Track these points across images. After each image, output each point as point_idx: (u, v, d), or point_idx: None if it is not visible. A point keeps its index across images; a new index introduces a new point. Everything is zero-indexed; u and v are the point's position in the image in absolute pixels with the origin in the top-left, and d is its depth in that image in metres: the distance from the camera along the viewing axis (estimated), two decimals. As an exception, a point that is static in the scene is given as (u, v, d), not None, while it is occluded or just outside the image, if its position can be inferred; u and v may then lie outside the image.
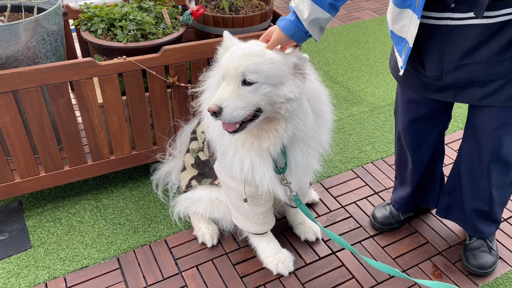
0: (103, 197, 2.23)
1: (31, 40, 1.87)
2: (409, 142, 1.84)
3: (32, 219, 2.11)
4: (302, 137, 1.51)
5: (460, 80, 1.51)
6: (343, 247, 1.65)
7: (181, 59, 2.00)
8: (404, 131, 1.83)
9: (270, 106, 1.41)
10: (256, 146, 1.51)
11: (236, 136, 1.53)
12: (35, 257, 1.93)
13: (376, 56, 3.54)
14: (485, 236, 1.88)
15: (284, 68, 1.39)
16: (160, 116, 2.14)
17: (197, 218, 2.03)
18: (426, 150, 1.85)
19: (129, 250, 1.97)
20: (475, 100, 1.54)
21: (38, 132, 1.92)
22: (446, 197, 1.92)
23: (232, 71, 1.36)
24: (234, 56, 1.38)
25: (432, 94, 1.62)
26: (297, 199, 1.65)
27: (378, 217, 2.07)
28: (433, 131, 1.80)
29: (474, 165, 1.73)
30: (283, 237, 2.04)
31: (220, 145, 1.61)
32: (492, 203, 1.78)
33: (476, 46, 1.42)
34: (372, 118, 2.83)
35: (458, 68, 1.48)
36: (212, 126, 1.61)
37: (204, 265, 1.91)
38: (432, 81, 1.57)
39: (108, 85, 1.93)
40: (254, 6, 2.32)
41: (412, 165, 1.91)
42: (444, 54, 1.48)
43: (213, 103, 1.36)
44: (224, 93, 1.37)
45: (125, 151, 2.15)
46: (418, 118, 1.75)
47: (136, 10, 2.13)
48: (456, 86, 1.54)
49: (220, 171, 1.77)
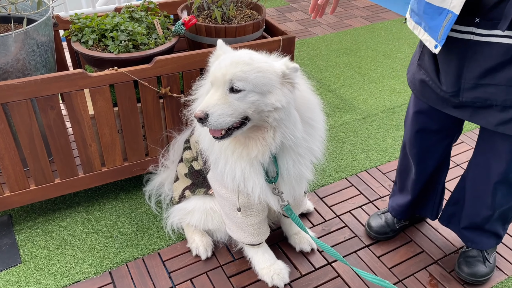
0: (95, 210, 2.20)
1: (21, 52, 1.85)
2: (414, 152, 1.82)
3: (22, 233, 2.07)
4: (291, 146, 1.50)
5: (477, 100, 1.46)
6: (335, 258, 1.64)
7: (173, 69, 1.99)
8: (410, 141, 1.81)
9: (258, 114, 1.41)
10: (245, 155, 1.50)
11: (226, 144, 1.52)
12: (25, 272, 1.89)
13: (368, 64, 3.55)
14: (482, 247, 1.88)
15: (272, 77, 1.39)
16: (153, 126, 2.11)
17: (191, 229, 2.00)
18: (432, 161, 1.82)
19: (121, 263, 1.94)
20: (491, 124, 1.49)
21: (28, 145, 1.89)
22: (450, 206, 1.92)
23: (220, 78, 1.37)
24: (223, 63, 1.39)
25: (449, 110, 1.57)
26: (288, 208, 1.64)
27: (373, 226, 2.06)
28: (441, 144, 1.77)
29: (480, 182, 1.71)
30: (278, 248, 2.02)
31: (211, 154, 1.60)
32: (493, 219, 1.77)
33: (497, 66, 1.37)
34: (365, 126, 2.83)
35: (477, 87, 1.44)
36: (203, 135, 1.60)
37: (198, 278, 1.88)
38: (448, 97, 1.53)
39: (100, 97, 1.91)
40: (246, 15, 2.32)
41: (416, 175, 1.88)
42: (463, 70, 1.43)
43: (200, 109, 1.36)
44: (211, 99, 1.37)
45: (117, 163, 2.12)
46: (427, 130, 1.73)
47: (127, 20, 2.11)
48: (474, 106, 1.49)
49: (214, 181, 1.76)
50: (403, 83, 3.30)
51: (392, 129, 2.80)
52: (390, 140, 2.71)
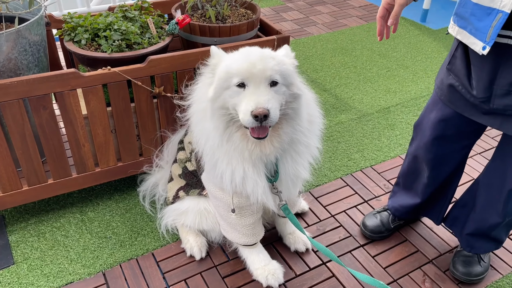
0: (88, 210, 2.18)
1: (13, 52, 1.83)
2: (430, 158, 1.78)
3: (15, 234, 2.05)
4: (294, 140, 1.52)
5: (509, 108, 1.43)
6: (330, 258, 1.63)
7: (167, 69, 1.98)
8: (426, 147, 1.76)
9: (283, 106, 1.44)
10: (258, 152, 1.48)
11: (236, 144, 1.48)
12: (18, 273, 1.88)
13: (363, 63, 3.55)
14: (480, 252, 1.88)
15: (291, 68, 1.46)
16: (146, 126, 2.10)
17: (185, 230, 1.99)
18: (447, 168, 1.80)
19: (115, 264, 1.92)
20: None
21: (21, 145, 1.87)
22: (457, 209, 1.90)
23: (257, 74, 1.36)
24: (252, 59, 1.38)
25: (478, 117, 1.53)
26: (285, 208, 1.64)
27: (368, 225, 2.06)
28: (459, 152, 1.75)
29: (494, 187, 1.69)
30: (273, 248, 2.02)
31: (212, 156, 1.57)
32: (499, 225, 1.76)
33: None
34: (360, 125, 2.83)
35: (509, 94, 1.41)
36: (203, 138, 1.57)
37: (192, 279, 1.87)
38: (478, 103, 1.49)
39: (93, 96, 1.89)
40: (241, 15, 2.31)
41: (428, 180, 1.85)
42: (497, 76, 1.40)
43: (260, 106, 1.33)
44: (262, 96, 1.36)
45: (110, 163, 2.11)
46: (446, 137, 1.69)
47: (120, 20, 2.10)
48: (504, 114, 1.46)
49: (208, 182, 1.75)
50: (399, 83, 3.30)
51: (387, 129, 2.80)
52: (385, 139, 2.71)
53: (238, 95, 1.39)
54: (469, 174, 2.46)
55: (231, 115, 1.43)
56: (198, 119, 1.57)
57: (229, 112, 1.43)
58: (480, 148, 2.67)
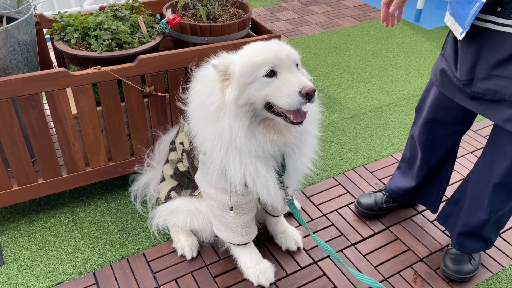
0: (79, 210, 2.18)
1: (1, 51, 1.82)
2: (422, 140, 1.86)
3: (5, 234, 2.04)
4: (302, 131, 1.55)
5: (488, 92, 1.48)
6: (331, 256, 1.64)
7: (157, 68, 1.97)
8: (420, 129, 1.85)
9: None
10: (279, 142, 1.50)
11: (259, 129, 1.48)
12: (8, 273, 1.87)
13: (357, 63, 3.55)
14: (470, 252, 1.88)
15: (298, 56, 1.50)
16: (137, 126, 2.10)
17: (176, 230, 1.99)
18: (438, 152, 1.87)
19: (106, 264, 1.92)
20: (500, 120, 1.50)
21: (10, 145, 1.86)
22: (450, 206, 1.92)
23: (286, 59, 1.40)
24: (274, 47, 1.42)
25: (465, 102, 1.59)
26: (291, 203, 1.66)
27: (362, 203, 2.15)
28: (450, 137, 1.81)
29: (481, 182, 1.71)
30: (264, 247, 2.01)
31: (218, 152, 1.52)
32: (487, 225, 1.77)
33: (509, 58, 1.39)
34: (353, 125, 2.83)
35: (489, 78, 1.46)
36: (215, 140, 1.51)
37: (183, 278, 1.87)
38: (462, 86, 1.55)
39: (82, 96, 1.89)
40: (232, 14, 2.31)
41: (420, 163, 1.94)
42: (479, 59, 1.46)
43: (307, 85, 1.37)
44: (300, 76, 1.41)
45: (101, 163, 2.10)
46: (437, 121, 1.77)
47: (111, 19, 2.09)
48: (485, 99, 1.51)
49: (202, 182, 1.74)
50: (392, 82, 3.30)
51: (380, 128, 2.80)
52: (378, 139, 2.71)
53: (269, 84, 1.40)
54: (460, 173, 2.46)
55: (254, 109, 1.44)
56: (206, 123, 1.52)
57: (253, 108, 1.44)
58: (472, 147, 2.67)
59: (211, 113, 1.50)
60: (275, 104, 1.42)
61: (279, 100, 1.39)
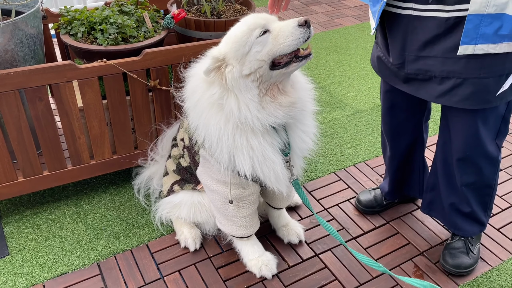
0: (83, 203, 2.20)
1: (9, 43, 1.85)
2: (387, 129, 1.93)
3: (10, 226, 2.06)
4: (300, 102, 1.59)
5: (419, 72, 1.57)
6: (333, 235, 1.66)
7: (162, 62, 2.00)
8: (383, 118, 1.93)
9: None
10: (288, 103, 1.52)
11: (267, 94, 1.52)
12: (13, 264, 1.89)
13: (357, 62, 3.58)
14: (466, 234, 1.90)
15: None
16: (142, 120, 2.12)
17: (179, 222, 2.01)
18: (404, 138, 1.92)
19: (110, 255, 1.94)
20: (432, 96, 1.58)
21: (16, 137, 1.89)
22: (428, 193, 1.96)
23: (268, 17, 1.51)
24: (254, 14, 1.52)
25: (400, 85, 1.67)
26: (296, 183, 1.68)
27: (362, 200, 2.18)
28: (411, 120, 1.87)
29: (447, 161, 1.78)
30: (266, 240, 2.04)
31: (225, 141, 1.53)
32: (470, 202, 1.80)
33: (433, 39, 1.48)
34: (354, 122, 2.86)
35: (418, 59, 1.55)
36: (217, 129, 1.53)
37: (186, 270, 1.89)
38: (396, 70, 1.64)
39: (88, 89, 1.91)
40: (236, 10, 2.33)
41: (390, 152, 2.00)
42: (406, 43, 1.55)
43: (301, 17, 1.46)
44: (286, 20, 1.50)
45: (106, 156, 2.13)
46: (395, 106, 1.84)
47: (116, 13, 2.12)
48: (418, 79, 1.60)
49: (204, 176, 1.76)
50: (392, 81, 3.33)
51: (380, 125, 2.83)
52: (378, 135, 2.74)
53: (267, 40, 1.45)
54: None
55: (261, 77, 1.48)
56: (210, 115, 1.53)
57: (259, 75, 1.47)
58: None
59: (213, 104, 1.52)
60: (280, 54, 1.46)
61: (284, 43, 1.44)
